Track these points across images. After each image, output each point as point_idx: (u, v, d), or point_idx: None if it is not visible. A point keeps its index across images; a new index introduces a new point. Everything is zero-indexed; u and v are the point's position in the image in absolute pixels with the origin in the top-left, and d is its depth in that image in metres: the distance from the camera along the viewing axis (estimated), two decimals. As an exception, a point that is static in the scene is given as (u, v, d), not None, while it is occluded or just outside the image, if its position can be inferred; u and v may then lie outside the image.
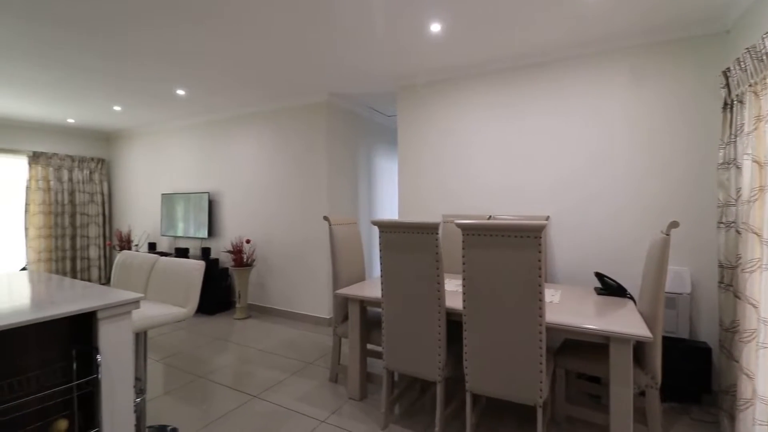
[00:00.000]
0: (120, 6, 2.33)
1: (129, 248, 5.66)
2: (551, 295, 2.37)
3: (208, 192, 5.03)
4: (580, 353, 2.14)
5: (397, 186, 3.81)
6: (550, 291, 2.50)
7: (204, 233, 4.98)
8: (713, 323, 2.55)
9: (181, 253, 4.97)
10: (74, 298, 1.44)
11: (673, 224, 1.83)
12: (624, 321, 1.84)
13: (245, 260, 4.48)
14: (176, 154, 5.52)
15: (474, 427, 2.02)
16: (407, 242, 2.08)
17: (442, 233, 3.31)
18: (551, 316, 1.90)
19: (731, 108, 2.20)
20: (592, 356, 2.08)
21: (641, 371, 1.95)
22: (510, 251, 1.76)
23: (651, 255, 2.05)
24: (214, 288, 4.68)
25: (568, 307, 2.10)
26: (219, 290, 4.76)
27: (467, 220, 1.86)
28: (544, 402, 1.81)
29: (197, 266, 1.94)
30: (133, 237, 6.11)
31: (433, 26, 2.61)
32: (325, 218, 2.77)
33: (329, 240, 2.80)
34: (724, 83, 2.24)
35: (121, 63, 3.23)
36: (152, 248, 5.52)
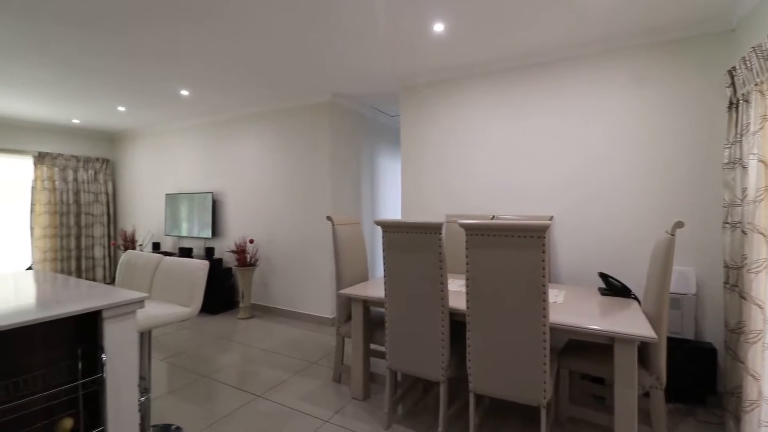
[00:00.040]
0: (122, 5, 2.34)
1: (133, 248, 5.69)
2: (555, 296, 2.36)
3: (212, 192, 5.05)
4: (584, 354, 2.13)
5: (400, 186, 3.81)
6: (554, 291, 2.49)
7: (208, 233, 5.00)
8: (718, 324, 2.53)
9: (185, 253, 5.00)
10: (79, 298, 1.45)
11: (678, 224, 1.83)
12: (628, 321, 1.83)
13: (248, 260, 4.49)
14: (180, 155, 5.55)
15: (477, 428, 2.02)
16: (410, 242, 2.07)
17: (446, 233, 3.30)
18: (555, 317, 1.90)
19: (737, 107, 2.19)
20: (596, 357, 2.07)
21: (646, 372, 1.94)
22: (514, 251, 1.75)
23: (656, 255, 2.04)
24: (218, 288, 4.70)
25: (572, 308, 2.09)
26: (222, 290, 4.78)
27: (471, 220, 1.86)
28: (548, 403, 1.81)
29: (201, 266, 1.95)
30: (138, 237, 6.14)
31: (437, 26, 2.60)
32: (329, 218, 2.77)
33: (332, 240, 2.80)
34: (730, 82, 2.22)
35: (125, 63, 3.24)
36: (156, 248, 5.55)
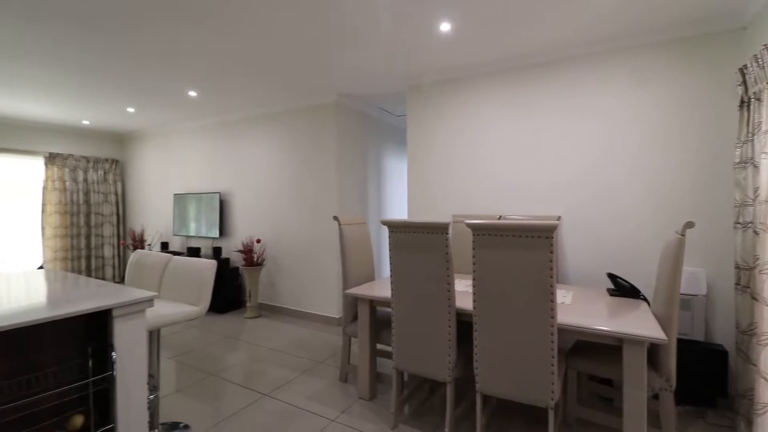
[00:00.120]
0: (128, 6, 2.35)
1: (142, 247, 5.75)
2: (563, 296, 2.35)
3: (220, 192, 5.08)
4: (592, 355, 2.11)
5: (407, 186, 3.81)
6: (562, 292, 2.48)
7: (215, 233, 5.04)
8: (729, 325, 2.50)
9: (193, 253, 5.04)
10: (90, 297, 1.47)
11: (689, 224, 1.80)
12: (638, 323, 1.81)
13: (256, 260, 4.52)
14: (188, 155, 5.59)
15: (484, 429, 2.01)
16: (417, 242, 2.07)
17: (452, 233, 3.29)
18: (563, 317, 1.88)
19: (748, 106, 2.16)
20: (605, 358, 2.05)
21: (655, 374, 1.92)
22: (521, 251, 1.74)
23: (665, 256, 2.02)
24: (225, 287, 4.73)
25: (580, 308, 2.07)
26: (230, 289, 4.81)
27: (477, 220, 1.85)
28: (556, 404, 1.80)
29: (209, 265, 1.97)
30: (146, 236, 6.21)
31: (443, 26, 2.60)
32: (335, 218, 2.78)
33: (339, 240, 2.81)
34: (741, 81, 2.19)
35: (134, 64, 3.28)
36: (165, 247, 5.60)
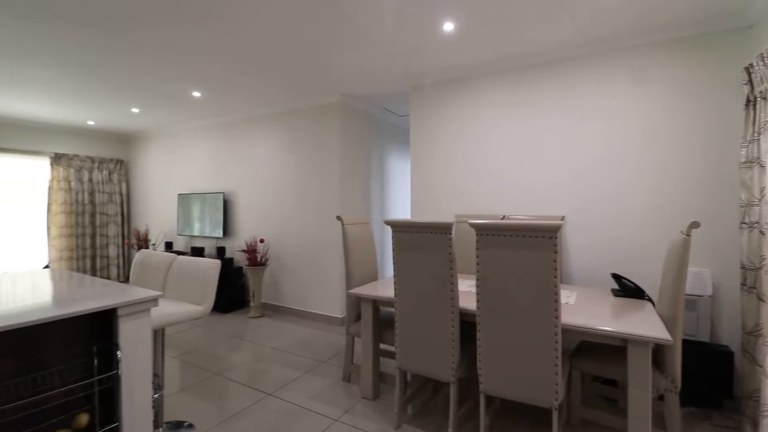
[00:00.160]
0: (133, 5, 2.37)
1: (147, 247, 5.78)
2: (567, 296, 2.34)
3: (223, 192, 5.10)
4: (597, 355, 2.10)
5: (410, 186, 3.81)
6: (566, 292, 2.47)
7: (219, 233, 5.06)
8: (735, 326, 2.48)
9: (197, 252, 5.06)
10: (95, 296, 1.48)
11: (694, 224, 1.79)
12: (642, 323, 1.80)
13: (259, 259, 4.53)
14: (192, 155, 5.62)
15: (487, 429, 2.01)
16: (420, 242, 2.07)
17: (456, 233, 3.29)
18: (567, 318, 1.88)
19: (754, 105, 2.14)
20: (609, 359, 2.04)
21: (660, 375, 1.91)
22: (525, 251, 1.74)
23: (670, 256, 2.01)
24: (229, 287, 4.74)
25: (585, 309, 2.07)
26: (234, 289, 4.83)
27: (481, 220, 1.85)
28: (560, 404, 1.79)
29: (213, 265, 1.97)
30: (151, 236, 6.24)
31: (446, 25, 2.59)
32: (338, 218, 2.78)
33: (342, 239, 2.81)
34: (747, 80, 2.17)
35: (137, 64, 3.29)
36: (169, 247, 5.62)
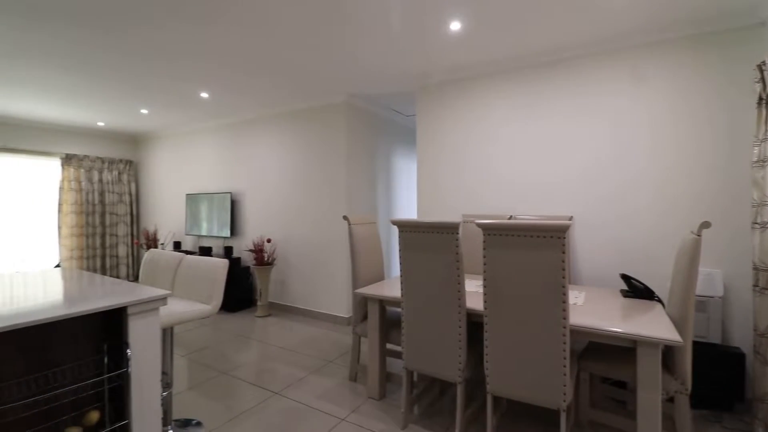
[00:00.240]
0: (142, 5, 2.39)
1: (155, 247, 5.83)
2: (575, 297, 2.32)
3: (231, 192, 5.13)
4: (605, 357, 2.08)
5: (416, 185, 3.80)
6: (574, 293, 2.45)
7: (226, 232, 5.09)
8: (747, 328, 2.44)
9: (205, 252, 5.10)
10: (105, 295, 1.50)
11: (705, 225, 1.77)
12: (652, 324, 1.78)
13: (266, 259, 4.55)
14: (200, 156, 5.66)
15: (494, 430, 2.00)
16: (427, 242, 2.07)
17: (462, 233, 3.28)
18: (575, 319, 1.86)
19: (767, 103, 2.11)
20: (618, 360, 2.03)
21: (670, 377, 1.89)
22: (532, 252, 1.73)
23: (680, 256, 1.98)
24: (237, 286, 4.78)
25: (593, 310, 2.05)
26: (241, 288, 4.86)
27: (488, 220, 1.84)
28: (568, 406, 1.78)
29: (221, 264, 1.99)
30: (159, 236, 6.30)
31: (453, 24, 2.59)
32: (345, 218, 2.79)
33: (348, 239, 2.82)
34: (759, 77, 2.14)
35: (145, 65, 3.33)
36: (177, 247, 5.67)
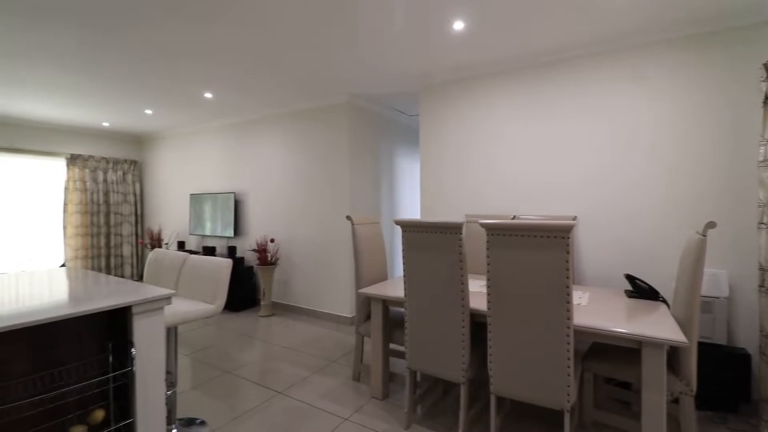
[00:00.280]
0: (145, 5, 2.40)
1: (160, 246, 5.86)
2: (579, 297, 2.31)
3: (234, 192, 5.15)
4: (609, 357, 2.07)
5: (419, 185, 3.80)
6: (578, 293, 2.44)
7: (230, 232, 5.11)
8: (753, 329, 2.42)
9: (209, 252, 5.12)
10: (110, 294, 1.50)
11: (710, 225, 1.76)
12: (657, 325, 1.78)
13: (269, 259, 4.56)
14: (204, 156, 5.68)
15: (498, 431, 2.00)
16: (430, 242, 2.07)
17: (465, 233, 3.27)
18: (579, 319, 1.86)
19: (774, 102, 2.09)
20: (622, 361, 2.02)
21: (675, 378, 1.88)
22: (536, 252, 1.72)
23: (686, 257, 1.97)
24: (240, 286, 4.79)
25: (597, 310, 2.04)
26: (244, 288, 4.87)
27: (492, 220, 1.83)
28: (572, 407, 1.77)
29: (225, 264, 1.99)
30: (164, 236, 6.32)
31: (456, 24, 2.58)
32: (348, 218, 2.79)
33: (352, 239, 2.82)
34: (765, 76, 2.13)
35: (149, 65, 3.34)
36: (181, 246, 5.70)
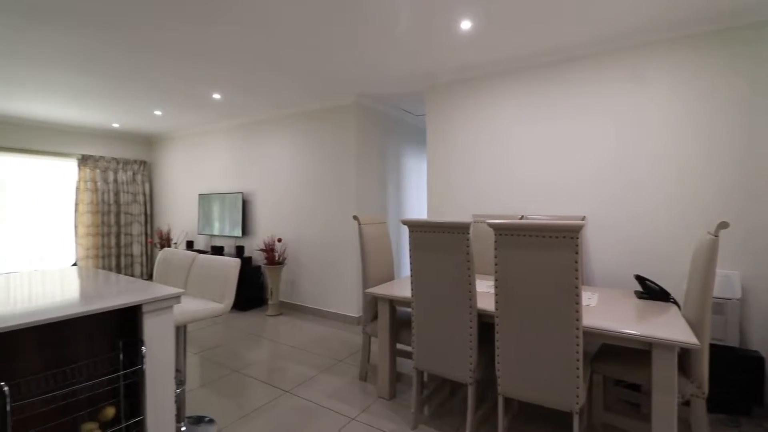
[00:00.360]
0: (154, 5, 2.43)
1: (169, 246, 5.92)
2: (588, 298, 2.29)
3: (242, 192, 5.18)
4: (619, 359, 2.05)
5: (426, 185, 3.79)
6: (587, 294, 2.42)
7: (238, 232, 5.14)
8: (766, 330, 2.38)
9: (217, 251, 5.16)
10: (121, 293, 1.52)
11: (723, 225, 1.73)
12: (668, 326, 1.75)
13: (277, 258, 4.58)
14: (212, 156, 5.73)
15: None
16: (438, 242, 2.06)
17: (473, 233, 3.26)
18: (589, 320, 1.84)
19: (788, 100, 2.06)
20: (632, 363, 1.99)
21: (686, 380, 1.85)
22: (545, 252, 1.71)
23: (697, 257, 1.94)
24: (248, 285, 4.82)
25: (607, 311, 2.02)
26: (252, 287, 4.90)
27: (500, 220, 1.82)
28: (581, 408, 1.76)
29: (233, 263, 2.01)
30: (173, 235, 6.39)
31: (463, 24, 2.57)
32: (355, 218, 2.79)
33: (359, 239, 2.82)
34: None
35: (159, 67, 3.38)
36: (190, 246, 5.75)
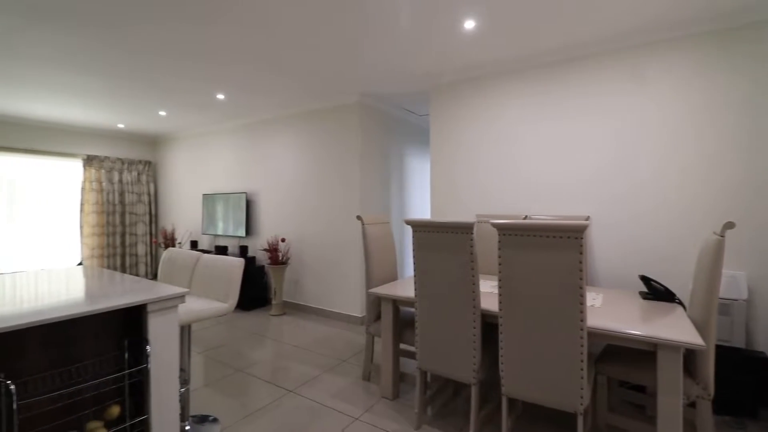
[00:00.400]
0: (157, 6, 2.44)
1: (173, 246, 5.94)
2: (592, 299, 2.28)
3: (246, 192, 5.20)
4: (624, 360, 2.04)
5: (430, 185, 3.79)
6: (592, 294, 2.40)
7: (242, 232, 5.16)
8: (773, 332, 2.37)
9: (221, 251, 5.18)
10: (126, 292, 1.53)
11: (729, 225, 1.72)
12: (673, 327, 1.74)
13: (281, 258, 4.59)
14: (216, 156, 5.75)
15: (510, 432, 1.98)
16: (441, 242, 2.06)
17: (476, 233, 3.25)
18: (593, 321, 1.83)
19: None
20: (637, 364, 1.98)
21: (692, 381, 1.84)
22: (549, 252, 1.70)
23: (703, 258, 1.93)
24: (251, 285, 4.83)
25: (611, 312, 2.01)
26: (256, 287, 4.91)
27: (503, 220, 1.82)
28: (585, 409, 1.75)
29: (237, 263, 2.01)
30: (177, 235, 6.42)
31: (467, 23, 2.57)
32: (358, 217, 2.79)
33: (362, 239, 2.82)
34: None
35: (163, 67, 3.40)
36: (194, 246, 5.77)
